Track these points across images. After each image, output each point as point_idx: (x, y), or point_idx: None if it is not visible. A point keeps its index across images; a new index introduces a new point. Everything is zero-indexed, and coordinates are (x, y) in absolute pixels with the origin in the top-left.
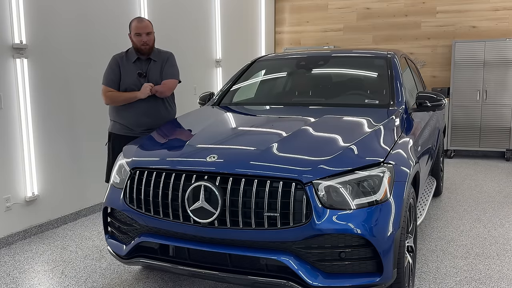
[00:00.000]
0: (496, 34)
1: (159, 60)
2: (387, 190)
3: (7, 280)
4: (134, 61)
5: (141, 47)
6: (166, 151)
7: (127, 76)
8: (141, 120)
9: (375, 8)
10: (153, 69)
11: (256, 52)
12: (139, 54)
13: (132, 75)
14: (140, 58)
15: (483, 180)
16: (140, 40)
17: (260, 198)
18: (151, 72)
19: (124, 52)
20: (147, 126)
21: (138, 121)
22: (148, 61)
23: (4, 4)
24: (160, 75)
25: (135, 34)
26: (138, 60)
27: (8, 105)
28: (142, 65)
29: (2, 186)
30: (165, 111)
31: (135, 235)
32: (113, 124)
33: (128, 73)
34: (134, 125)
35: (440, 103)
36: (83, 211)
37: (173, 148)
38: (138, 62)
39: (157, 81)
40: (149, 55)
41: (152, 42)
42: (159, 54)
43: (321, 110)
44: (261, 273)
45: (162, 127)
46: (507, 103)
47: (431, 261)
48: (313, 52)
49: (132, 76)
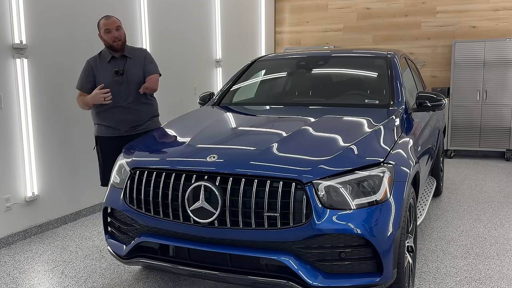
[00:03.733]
0: (496, 34)
1: (135, 57)
2: (387, 190)
3: (7, 280)
4: (109, 61)
5: (113, 43)
6: (166, 151)
7: (103, 76)
8: (123, 118)
9: (375, 8)
10: (130, 66)
11: (256, 52)
12: (112, 52)
13: (108, 74)
14: (115, 56)
15: (483, 180)
16: (111, 36)
17: (260, 198)
18: (130, 69)
19: (97, 55)
20: (131, 122)
21: (120, 119)
22: (124, 59)
23: (4, 4)
24: (139, 71)
25: (105, 31)
26: (113, 59)
27: (8, 105)
28: (117, 63)
29: (2, 186)
30: (145, 104)
31: (135, 235)
32: (97, 127)
33: (103, 73)
34: (118, 124)
35: (440, 103)
36: (83, 211)
37: (173, 148)
38: (113, 61)
39: (138, 77)
40: (123, 52)
41: (123, 37)
42: (133, 50)
43: (321, 110)
44: (261, 273)
45: (162, 127)
46: (507, 103)
47: (431, 261)
48: (313, 52)
49: (108, 75)
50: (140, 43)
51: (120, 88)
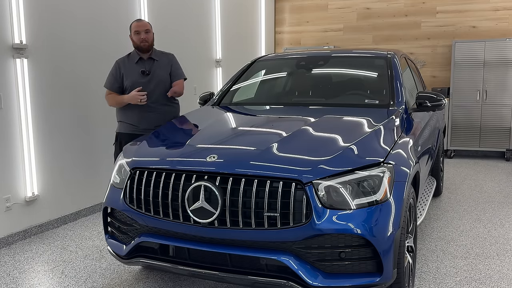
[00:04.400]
0: (496, 34)
1: (162, 60)
2: (387, 190)
3: (7, 280)
4: (137, 62)
5: (140, 44)
6: (166, 151)
7: (130, 75)
8: (145, 116)
9: (375, 8)
10: (156, 68)
11: (256, 52)
12: (140, 53)
13: (134, 74)
14: (142, 58)
15: (483, 180)
16: (139, 37)
17: (260, 198)
18: (156, 71)
19: (126, 55)
20: (153, 121)
21: (142, 118)
22: (151, 61)
23: (4, 4)
24: (165, 73)
25: (135, 33)
26: (141, 60)
27: (8, 105)
28: (145, 65)
29: (2, 186)
30: (168, 106)
31: (135, 235)
32: (119, 124)
33: (130, 72)
34: (140, 123)
35: (440, 103)
36: (83, 211)
37: (173, 148)
38: (141, 62)
39: (163, 79)
40: (150, 55)
41: (150, 40)
42: (161, 54)
43: (321, 110)
44: (261, 273)
45: (162, 127)
46: (507, 103)
47: (431, 261)
48: (313, 52)
49: (135, 74)
50: None
51: (145, 89)
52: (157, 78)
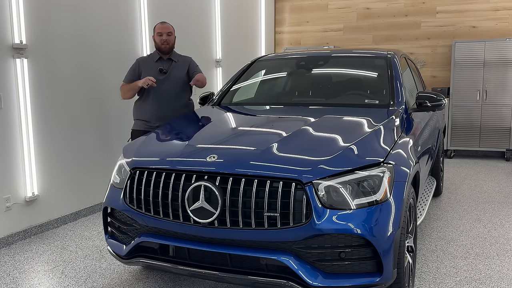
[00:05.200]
0: (496, 34)
1: (180, 62)
2: (387, 190)
3: (7, 280)
4: (156, 61)
5: (161, 45)
6: (166, 151)
7: (147, 72)
8: (159, 113)
9: (375, 8)
10: (175, 68)
11: (256, 52)
12: (160, 54)
13: (152, 70)
14: (162, 58)
15: (483, 180)
16: (161, 39)
17: (260, 198)
18: (173, 71)
19: (147, 55)
20: (165, 118)
21: (155, 114)
22: (170, 61)
23: (4, 4)
24: (181, 74)
25: (157, 34)
26: (160, 60)
27: (8, 105)
28: (163, 64)
29: (2, 186)
30: (182, 103)
31: (135, 235)
32: (135, 122)
33: (148, 69)
34: (153, 118)
35: (440, 103)
36: (83, 211)
37: (173, 148)
38: (160, 62)
39: (180, 79)
40: (170, 56)
41: (172, 42)
42: (179, 56)
43: (321, 110)
44: (261, 273)
45: (162, 127)
46: (507, 103)
47: (431, 261)
48: (313, 52)
49: (152, 71)
50: (140, 43)
51: (161, 86)
52: (174, 77)
